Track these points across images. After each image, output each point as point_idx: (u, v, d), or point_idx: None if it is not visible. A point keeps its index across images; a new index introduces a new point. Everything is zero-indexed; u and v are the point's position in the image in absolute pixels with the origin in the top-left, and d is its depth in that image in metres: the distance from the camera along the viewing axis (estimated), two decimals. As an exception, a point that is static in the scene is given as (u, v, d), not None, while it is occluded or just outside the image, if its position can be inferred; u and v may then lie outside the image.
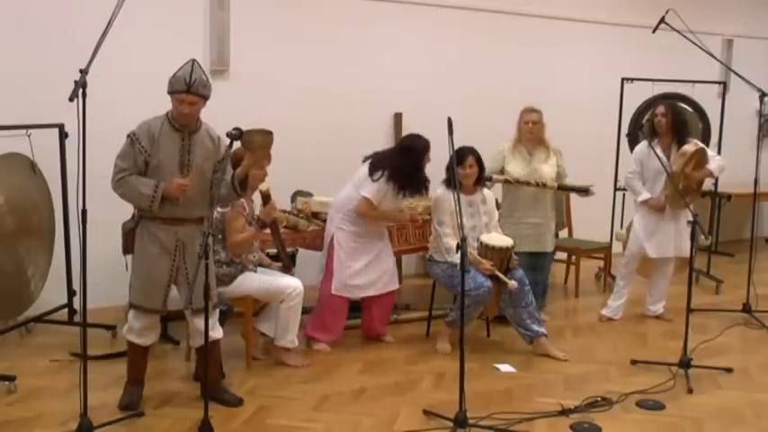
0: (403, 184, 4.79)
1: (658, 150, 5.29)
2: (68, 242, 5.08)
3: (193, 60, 3.73)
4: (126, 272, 4.07)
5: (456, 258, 4.45)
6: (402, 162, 4.79)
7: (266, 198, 4.29)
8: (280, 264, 4.69)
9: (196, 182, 3.75)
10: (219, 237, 4.37)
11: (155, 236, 3.78)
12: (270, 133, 3.86)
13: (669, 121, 5.37)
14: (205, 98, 3.75)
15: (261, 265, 4.62)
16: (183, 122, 3.76)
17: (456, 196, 3.92)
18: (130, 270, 3.92)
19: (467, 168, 4.89)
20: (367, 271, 4.90)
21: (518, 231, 5.25)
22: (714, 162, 5.51)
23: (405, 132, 6.71)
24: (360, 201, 4.79)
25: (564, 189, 5.51)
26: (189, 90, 3.66)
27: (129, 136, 3.73)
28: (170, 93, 3.70)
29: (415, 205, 5.71)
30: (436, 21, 6.85)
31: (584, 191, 5.53)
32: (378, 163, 4.82)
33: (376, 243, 4.95)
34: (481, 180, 5.03)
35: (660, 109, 5.42)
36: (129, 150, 3.71)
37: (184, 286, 3.81)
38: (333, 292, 4.85)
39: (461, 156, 4.84)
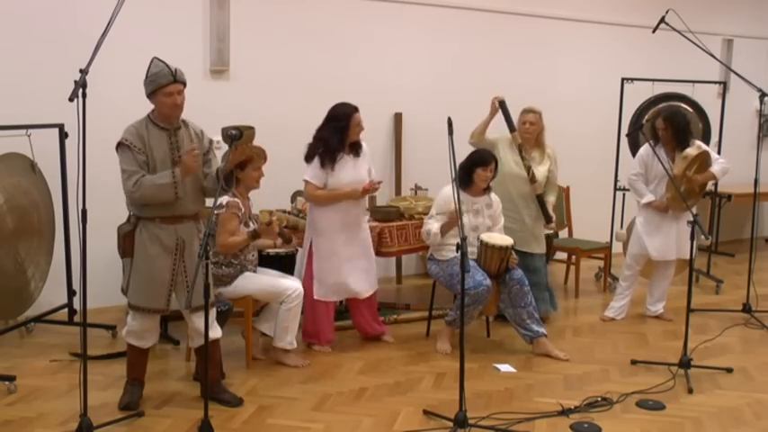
0: (326, 150, 4.64)
1: (661, 153, 5.29)
2: (68, 242, 5.08)
3: (156, 57, 3.74)
4: (122, 275, 4.04)
5: (431, 227, 4.74)
6: (327, 131, 4.69)
7: (266, 227, 4.29)
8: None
9: (189, 177, 3.75)
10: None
11: (155, 236, 3.77)
12: (251, 128, 3.84)
13: (669, 134, 5.38)
14: (185, 85, 3.77)
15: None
16: (174, 116, 3.75)
17: (456, 194, 3.91)
18: (128, 273, 3.89)
19: (488, 172, 4.91)
20: (340, 268, 4.81)
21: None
22: (717, 165, 5.50)
23: (405, 132, 6.75)
24: (305, 187, 4.73)
25: (540, 201, 5.35)
26: (176, 79, 3.68)
27: (121, 143, 3.70)
28: (154, 91, 3.68)
29: (415, 205, 5.72)
30: (436, 21, 6.85)
31: (548, 219, 5.37)
32: (309, 146, 4.73)
33: (352, 239, 4.83)
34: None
35: (659, 123, 5.41)
36: (129, 155, 3.69)
37: (182, 286, 3.81)
38: (315, 297, 4.80)
39: (486, 159, 4.91)
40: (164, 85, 3.66)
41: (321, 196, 4.69)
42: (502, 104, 5.31)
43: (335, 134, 4.68)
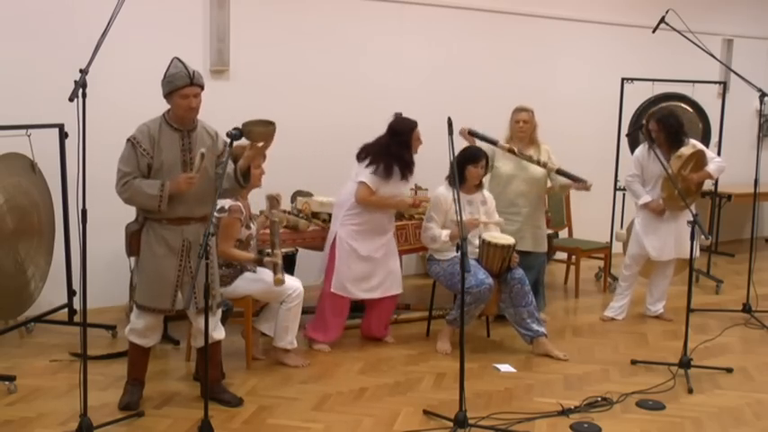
0: (393, 167, 4.77)
1: (659, 153, 5.29)
2: (68, 242, 5.07)
3: (176, 57, 3.74)
4: (129, 274, 4.06)
5: (439, 234, 4.79)
6: (393, 146, 4.81)
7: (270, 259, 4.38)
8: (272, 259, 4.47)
9: (200, 179, 3.74)
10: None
11: (161, 237, 3.77)
12: (271, 123, 3.81)
13: (663, 136, 5.38)
14: (203, 88, 3.77)
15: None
16: (189, 118, 3.75)
17: (456, 194, 3.93)
18: (135, 271, 3.90)
19: (479, 169, 4.92)
20: (369, 272, 4.88)
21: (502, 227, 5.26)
22: (713, 163, 5.51)
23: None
24: (358, 187, 4.78)
25: (562, 174, 5.37)
26: (192, 82, 3.68)
27: (129, 140, 3.71)
28: (171, 92, 3.68)
29: (415, 205, 5.72)
30: (436, 21, 6.85)
31: (580, 180, 5.34)
32: (369, 150, 4.84)
33: (380, 241, 4.91)
34: (481, 185, 5.06)
35: (652, 125, 5.42)
36: (131, 154, 3.70)
37: (189, 286, 3.81)
38: (332, 290, 4.84)
39: (477, 156, 4.94)
40: (180, 87, 3.66)
41: (373, 201, 4.80)
42: (471, 133, 5.31)
43: (403, 149, 4.84)
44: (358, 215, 4.83)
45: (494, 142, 5.33)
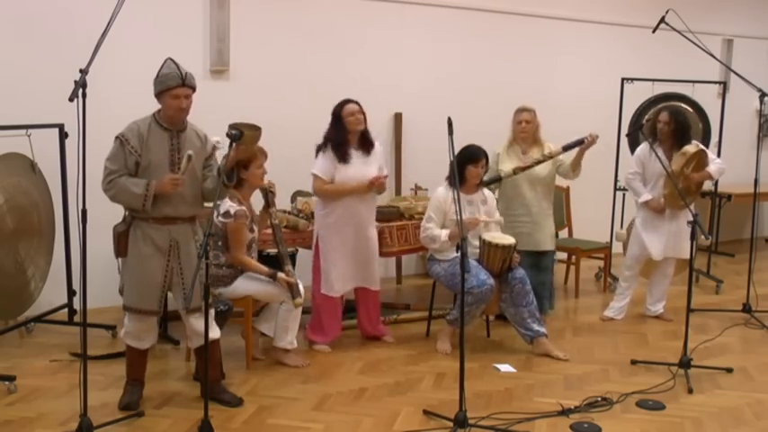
0: (331, 149, 4.76)
1: (659, 152, 5.30)
2: (68, 242, 5.08)
3: (169, 58, 3.75)
4: (119, 275, 4.06)
5: (438, 234, 4.75)
6: (330, 128, 4.83)
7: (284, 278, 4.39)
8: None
9: (187, 180, 3.75)
10: (219, 243, 4.36)
11: (148, 236, 3.77)
12: (258, 129, 3.85)
13: (671, 129, 5.38)
14: (195, 90, 3.77)
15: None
16: (178, 119, 3.76)
17: (456, 194, 3.93)
18: (123, 273, 3.91)
19: (479, 168, 4.91)
20: (351, 265, 4.86)
21: (514, 230, 5.26)
22: (714, 165, 5.52)
23: (405, 132, 6.76)
24: (313, 182, 4.78)
25: (568, 147, 5.32)
26: (184, 83, 3.68)
27: (118, 137, 3.72)
28: (162, 91, 3.69)
29: (415, 205, 5.72)
30: (436, 21, 6.86)
31: (584, 139, 5.23)
32: (318, 144, 4.87)
33: (360, 234, 4.85)
34: (481, 182, 5.06)
35: (663, 116, 5.42)
36: (118, 152, 3.70)
37: (179, 287, 3.81)
38: (321, 291, 4.85)
39: (477, 155, 4.91)
40: (171, 87, 3.67)
41: (329, 190, 4.75)
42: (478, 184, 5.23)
43: (336, 128, 4.80)
44: (328, 213, 4.81)
45: (498, 179, 5.35)
